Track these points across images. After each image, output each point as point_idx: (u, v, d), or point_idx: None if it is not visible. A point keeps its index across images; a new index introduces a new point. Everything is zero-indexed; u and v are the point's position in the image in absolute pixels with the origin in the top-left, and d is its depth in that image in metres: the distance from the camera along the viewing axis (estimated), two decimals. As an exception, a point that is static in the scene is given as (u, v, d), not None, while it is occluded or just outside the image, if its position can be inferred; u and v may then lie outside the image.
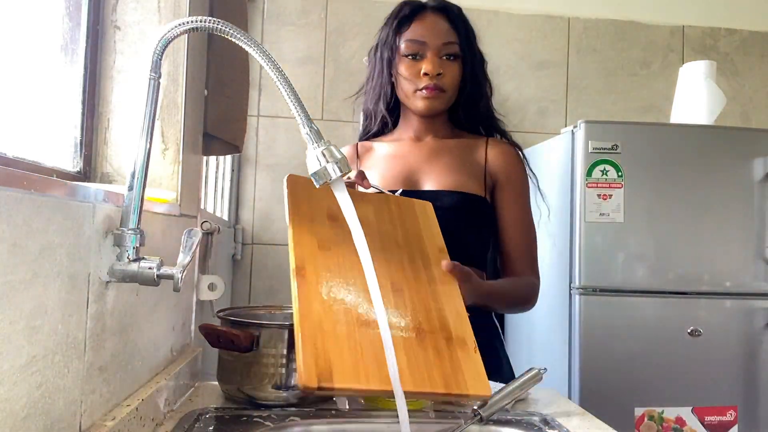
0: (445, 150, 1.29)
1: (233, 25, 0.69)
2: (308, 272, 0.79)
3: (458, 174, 1.24)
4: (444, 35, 1.23)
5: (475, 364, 0.79)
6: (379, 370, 0.71)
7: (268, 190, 2.73)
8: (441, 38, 1.23)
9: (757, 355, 2.09)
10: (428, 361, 0.76)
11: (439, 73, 1.22)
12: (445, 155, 1.28)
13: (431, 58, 1.22)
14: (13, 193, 0.48)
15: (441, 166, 1.26)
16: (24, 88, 0.87)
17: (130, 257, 0.69)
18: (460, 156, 1.28)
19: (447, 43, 1.23)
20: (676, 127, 2.22)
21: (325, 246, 0.83)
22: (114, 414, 0.70)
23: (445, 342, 0.80)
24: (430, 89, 1.22)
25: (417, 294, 0.85)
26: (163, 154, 1.05)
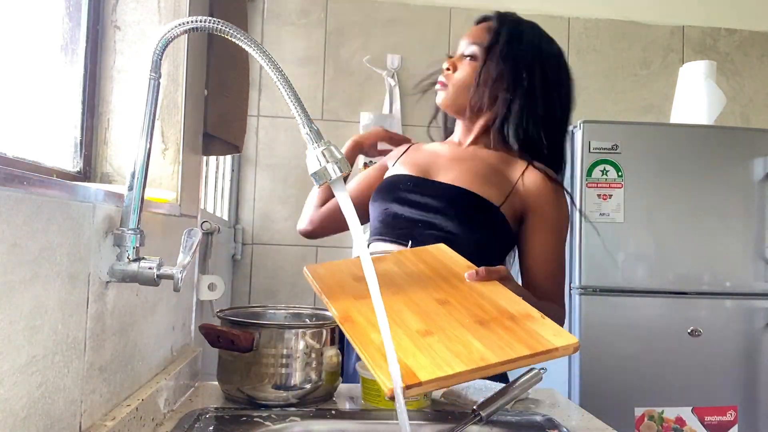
0: (479, 157, 1.23)
1: (233, 25, 0.69)
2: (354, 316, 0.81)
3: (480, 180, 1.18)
4: (473, 36, 1.23)
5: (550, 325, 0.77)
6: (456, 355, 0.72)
7: (268, 190, 2.73)
8: (470, 38, 1.24)
9: (757, 355, 2.09)
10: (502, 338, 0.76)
11: (447, 68, 1.23)
12: (476, 162, 1.22)
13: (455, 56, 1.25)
14: (13, 193, 0.48)
15: (465, 169, 1.21)
16: (24, 88, 0.87)
17: (130, 257, 0.69)
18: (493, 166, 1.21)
19: (473, 43, 1.22)
20: (676, 127, 2.22)
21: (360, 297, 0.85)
22: (114, 414, 0.70)
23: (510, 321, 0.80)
24: (440, 83, 1.24)
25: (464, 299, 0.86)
26: (163, 154, 1.05)
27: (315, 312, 1.09)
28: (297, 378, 0.93)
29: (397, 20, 2.82)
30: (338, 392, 1.03)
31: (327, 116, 2.77)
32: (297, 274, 2.75)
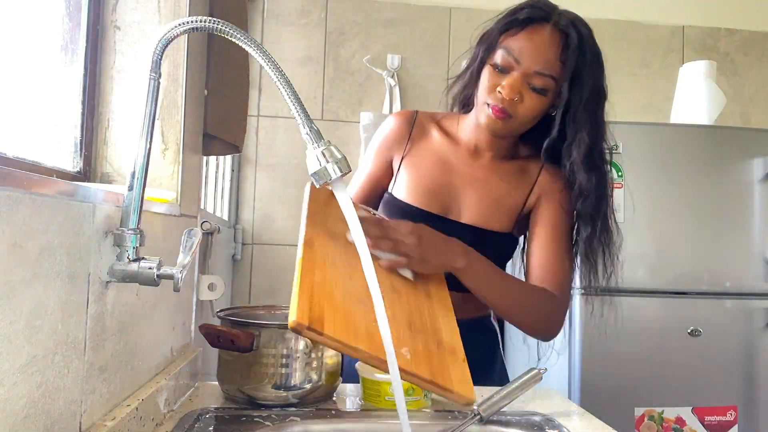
0: (496, 176, 1.18)
1: (233, 25, 0.69)
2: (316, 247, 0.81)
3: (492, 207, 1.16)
4: (543, 62, 1.06)
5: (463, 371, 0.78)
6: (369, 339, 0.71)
7: (268, 190, 2.73)
8: (537, 64, 1.06)
9: (757, 355, 2.09)
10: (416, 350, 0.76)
11: (514, 98, 1.06)
12: (492, 183, 1.18)
13: (515, 80, 1.06)
14: (13, 193, 0.48)
15: (479, 196, 1.17)
16: (24, 88, 0.87)
17: (130, 257, 0.69)
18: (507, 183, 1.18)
19: (540, 73, 1.06)
20: (676, 127, 2.22)
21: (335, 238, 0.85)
22: (114, 414, 0.70)
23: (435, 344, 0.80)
24: (497, 110, 1.07)
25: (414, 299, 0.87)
26: (163, 154, 1.05)
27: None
28: (297, 378, 0.93)
29: (397, 20, 2.82)
30: (338, 392, 1.03)
31: (327, 116, 2.77)
32: (297, 274, 2.75)
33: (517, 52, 1.06)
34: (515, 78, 1.06)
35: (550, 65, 1.06)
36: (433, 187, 1.18)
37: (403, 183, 1.21)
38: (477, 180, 1.19)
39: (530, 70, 1.06)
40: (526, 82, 1.06)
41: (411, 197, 1.18)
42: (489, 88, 1.08)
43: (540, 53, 1.06)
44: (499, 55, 1.08)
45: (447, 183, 1.19)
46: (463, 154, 1.20)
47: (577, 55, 1.07)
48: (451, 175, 1.19)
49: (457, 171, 1.19)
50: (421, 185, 1.19)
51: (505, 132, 1.12)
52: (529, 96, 1.07)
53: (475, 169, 1.19)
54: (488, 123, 1.10)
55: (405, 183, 1.21)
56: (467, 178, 1.19)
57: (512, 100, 1.06)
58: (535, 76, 1.06)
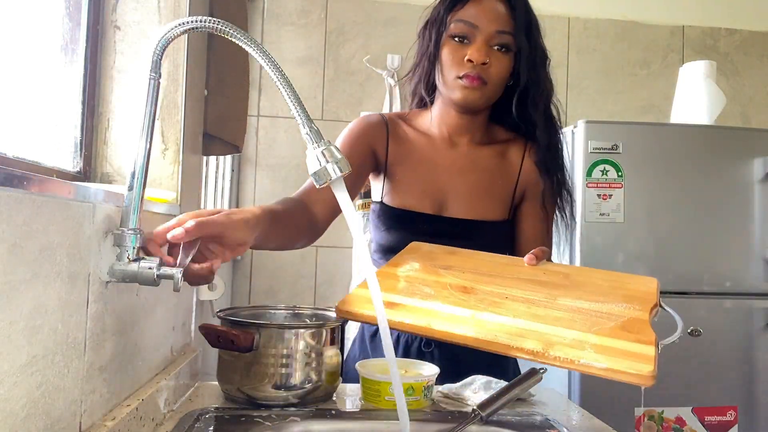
0: (478, 163, 1.19)
1: (233, 25, 0.69)
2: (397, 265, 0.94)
3: (484, 197, 1.18)
4: (499, 22, 1.09)
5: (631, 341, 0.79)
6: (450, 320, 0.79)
7: (268, 190, 2.73)
8: (495, 24, 1.09)
9: (757, 355, 2.09)
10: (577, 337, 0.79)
11: (484, 62, 1.08)
12: (476, 171, 1.19)
13: (480, 44, 1.08)
14: (13, 193, 0.48)
15: (469, 187, 1.18)
16: (24, 88, 0.87)
17: (130, 257, 0.69)
18: (493, 170, 1.19)
19: (501, 32, 1.09)
20: (676, 127, 2.22)
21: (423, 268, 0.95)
22: (114, 414, 0.70)
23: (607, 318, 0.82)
24: (471, 78, 1.08)
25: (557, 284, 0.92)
26: (163, 154, 1.05)
27: (315, 312, 1.09)
28: (297, 378, 0.93)
29: (397, 20, 2.82)
30: (338, 392, 1.03)
31: (327, 116, 2.77)
32: (297, 273, 2.76)
33: (473, 19, 1.09)
34: (479, 42, 1.09)
35: (505, 22, 1.10)
36: (422, 187, 1.18)
37: (395, 189, 1.20)
38: (462, 170, 1.19)
39: (491, 31, 1.09)
40: (489, 45, 1.09)
41: (404, 202, 1.18)
42: (456, 61, 1.10)
43: (494, 13, 1.10)
44: (455, 28, 1.11)
45: (434, 180, 1.18)
46: (441, 146, 1.20)
47: (524, 11, 1.12)
48: (436, 171, 1.19)
49: (440, 165, 1.19)
50: (410, 188, 1.18)
51: (482, 101, 1.13)
52: (495, 57, 1.09)
53: (456, 159, 1.19)
54: (465, 95, 1.10)
55: (396, 189, 1.19)
56: (452, 169, 1.19)
57: (483, 64, 1.08)
58: (496, 36, 1.09)
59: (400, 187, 1.19)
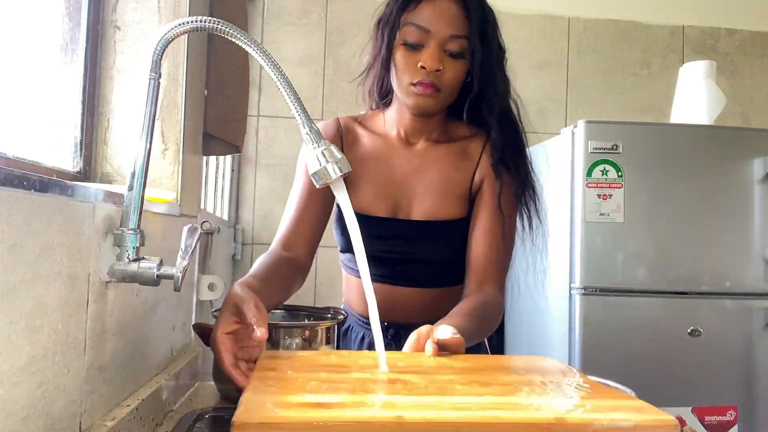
0: (435, 162, 1.16)
1: (233, 25, 0.69)
2: None
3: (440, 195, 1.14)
4: (452, 26, 1.06)
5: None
6: None
7: (268, 190, 2.73)
8: (449, 28, 1.05)
9: (757, 355, 2.09)
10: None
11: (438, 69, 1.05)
12: (432, 170, 1.15)
13: (432, 50, 1.05)
14: (13, 193, 0.48)
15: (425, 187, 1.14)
16: (24, 88, 0.87)
17: (130, 257, 0.69)
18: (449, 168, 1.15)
19: (455, 36, 1.06)
20: (676, 127, 2.22)
21: None
22: (114, 414, 0.70)
23: None
24: (425, 85, 1.06)
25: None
26: (163, 154, 1.05)
27: (311, 311, 1.09)
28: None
29: (397, 20, 2.82)
30: (338, 392, 1.03)
31: (327, 116, 2.77)
32: (297, 274, 2.75)
33: (426, 23, 1.06)
34: (432, 48, 1.05)
35: (460, 26, 1.06)
36: (376, 189, 1.15)
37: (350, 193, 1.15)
38: (417, 169, 1.15)
39: (444, 36, 1.05)
40: (442, 50, 1.06)
41: (359, 206, 1.14)
42: (409, 68, 1.07)
43: (447, 17, 1.06)
44: (407, 33, 1.07)
45: (389, 182, 1.15)
46: (396, 146, 1.17)
47: (479, 11, 1.08)
48: (391, 172, 1.15)
49: (395, 165, 1.16)
50: (365, 191, 1.15)
51: (436, 107, 1.10)
52: (449, 63, 1.06)
53: (411, 158, 1.16)
54: (418, 102, 1.08)
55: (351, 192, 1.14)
56: (407, 169, 1.15)
57: (437, 71, 1.05)
58: (449, 41, 1.06)
59: (355, 192, 1.15)
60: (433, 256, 1.14)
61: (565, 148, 2.11)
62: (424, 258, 1.14)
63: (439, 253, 1.14)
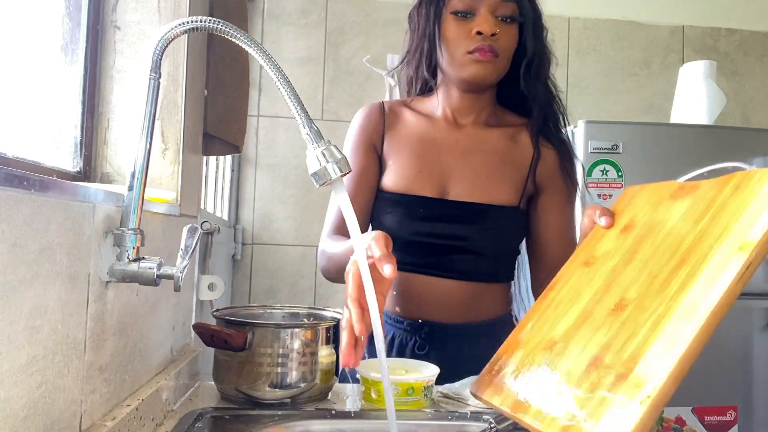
0: (485, 144, 1.12)
1: (233, 25, 0.69)
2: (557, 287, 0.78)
3: (491, 179, 1.10)
4: None
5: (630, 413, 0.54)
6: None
7: (268, 190, 2.73)
8: None
9: (757, 355, 2.09)
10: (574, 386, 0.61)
11: (494, 33, 1.03)
12: (483, 152, 1.12)
13: (485, 15, 1.03)
14: (13, 193, 0.48)
15: (475, 169, 1.11)
16: (24, 88, 0.87)
17: (130, 257, 0.69)
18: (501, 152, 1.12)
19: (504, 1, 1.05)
20: (676, 127, 2.22)
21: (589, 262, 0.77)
22: (114, 414, 0.70)
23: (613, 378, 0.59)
24: (484, 51, 1.03)
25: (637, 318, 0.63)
26: (163, 154, 1.05)
27: (312, 311, 1.09)
28: (291, 377, 0.93)
29: (397, 20, 2.82)
30: (338, 392, 1.03)
31: (327, 116, 2.77)
32: (297, 273, 2.76)
33: None
34: (485, 14, 1.04)
35: None
36: (422, 169, 1.11)
37: (391, 173, 1.13)
38: (467, 150, 1.12)
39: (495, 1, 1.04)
40: (494, 16, 1.04)
41: (402, 186, 1.11)
42: (464, 36, 1.05)
43: None
44: (457, 3, 1.06)
45: (436, 161, 1.11)
46: (444, 127, 1.14)
47: None
48: (439, 152, 1.12)
49: (443, 145, 1.12)
50: (409, 171, 1.11)
51: (494, 75, 1.07)
52: (503, 29, 1.05)
53: (460, 139, 1.13)
54: (477, 71, 1.05)
55: (392, 173, 1.13)
56: (457, 150, 1.12)
57: (494, 35, 1.03)
58: (500, 6, 1.05)
59: (398, 171, 1.12)
60: (480, 242, 1.09)
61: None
62: (471, 245, 1.09)
63: (488, 241, 1.09)
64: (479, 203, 1.09)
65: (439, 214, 1.09)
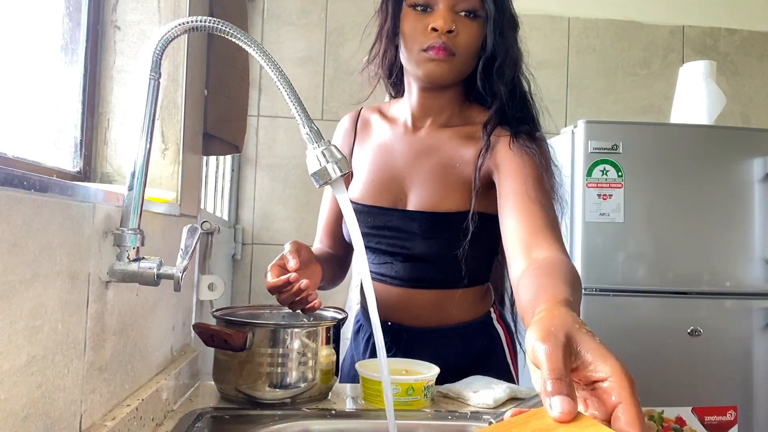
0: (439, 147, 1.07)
1: (233, 25, 0.69)
2: None
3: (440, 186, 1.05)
4: None
5: None
6: None
7: (268, 190, 2.73)
8: None
9: (757, 355, 2.09)
10: None
11: (450, 29, 0.97)
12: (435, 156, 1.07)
13: (443, 11, 0.98)
14: (13, 193, 0.48)
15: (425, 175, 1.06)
16: (24, 88, 0.87)
17: (130, 257, 0.69)
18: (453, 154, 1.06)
19: None
20: (676, 127, 2.22)
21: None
22: (114, 414, 0.70)
23: None
24: (437, 49, 0.98)
25: None
26: (163, 154, 1.05)
27: (313, 312, 1.09)
28: (292, 377, 0.93)
29: (397, 20, 2.82)
30: (338, 392, 1.03)
31: (327, 116, 2.77)
32: (297, 274, 2.75)
33: None
34: (443, 8, 0.98)
35: None
36: (379, 178, 1.09)
37: (354, 184, 1.13)
38: (417, 156, 1.07)
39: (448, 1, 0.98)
40: (453, 11, 0.99)
41: (362, 195, 1.10)
42: (419, 32, 0.99)
43: None
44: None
45: (391, 170, 1.08)
46: (401, 133, 1.10)
47: None
48: (395, 160, 1.09)
49: (399, 153, 1.09)
50: (368, 180, 1.10)
51: (451, 75, 1.01)
52: (462, 25, 0.99)
53: (414, 144, 1.08)
54: (431, 70, 0.99)
55: (354, 184, 1.13)
56: (408, 157, 1.08)
57: (449, 32, 0.97)
58: (461, 1, 0.99)
59: (360, 179, 1.12)
60: (426, 250, 1.06)
61: (565, 148, 2.11)
62: (420, 254, 1.07)
63: (434, 248, 1.06)
64: (427, 212, 1.05)
65: (388, 225, 1.08)
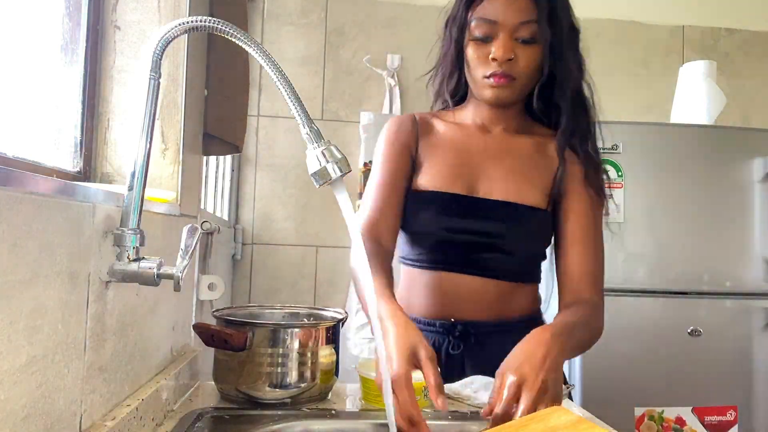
0: (514, 149, 1.15)
1: (233, 25, 0.69)
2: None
3: (520, 181, 1.13)
4: (520, 13, 1.05)
5: None
6: None
7: (268, 190, 2.73)
8: (516, 17, 1.05)
9: (757, 355, 2.09)
10: None
11: (510, 58, 1.05)
12: (512, 156, 1.15)
13: (502, 40, 1.05)
14: (13, 193, 0.48)
15: (504, 170, 1.14)
16: (24, 88, 0.87)
17: (130, 257, 0.69)
18: (529, 157, 1.15)
19: (523, 23, 1.05)
20: (676, 127, 2.22)
21: None
22: (114, 414, 0.70)
23: None
24: (498, 77, 1.06)
25: None
26: (163, 154, 1.05)
27: (312, 311, 1.09)
28: (291, 377, 0.93)
29: (397, 20, 2.82)
30: (338, 392, 1.03)
31: (327, 116, 2.77)
32: (297, 273, 2.75)
33: (492, 15, 1.06)
34: (502, 39, 1.06)
35: (528, 11, 1.05)
36: (454, 168, 1.14)
37: (425, 173, 1.16)
38: (497, 153, 1.15)
39: (512, 24, 1.05)
40: (513, 39, 1.06)
41: (435, 184, 1.13)
42: (481, 61, 1.08)
43: (512, 5, 1.06)
44: (475, 28, 1.08)
45: (467, 162, 1.14)
46: (473, 132, 1.17)
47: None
48: (470, 154, 1.15)
49: (474, 148, 1.16)
50: (441, 170, 1.14)
51: (513, 97, 1.11)
52: (521, 51, 1.06)
53: (489, 143, 1.16)
54: (495, 94, 1.09)
55: (426, 173, 1.16)
56: (487, 152, 1.15)
57: (509, 61, 1.05)
58: (519, 28, 1.06)
59: (430, 169, 1.15)
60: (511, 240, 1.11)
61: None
62: (502, 243, 1.10)
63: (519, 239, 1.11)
64: (511, 202, 1.11)
65: (471, 211, 1.11)
